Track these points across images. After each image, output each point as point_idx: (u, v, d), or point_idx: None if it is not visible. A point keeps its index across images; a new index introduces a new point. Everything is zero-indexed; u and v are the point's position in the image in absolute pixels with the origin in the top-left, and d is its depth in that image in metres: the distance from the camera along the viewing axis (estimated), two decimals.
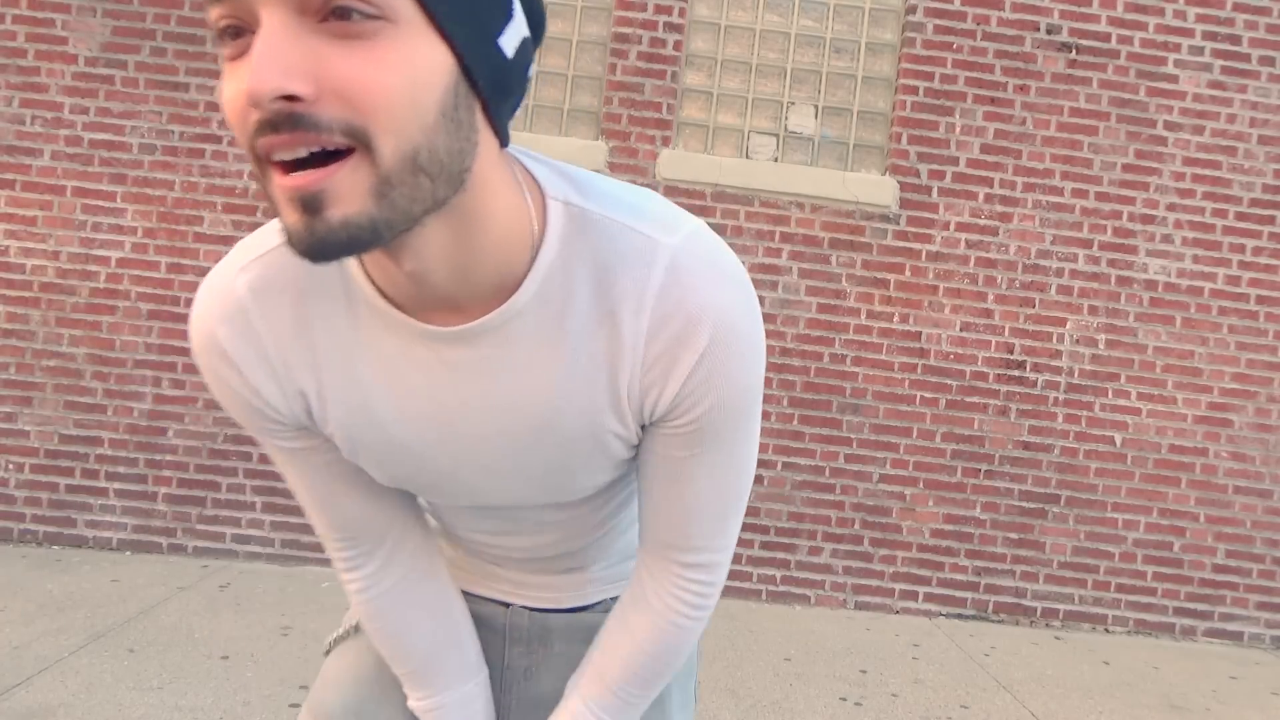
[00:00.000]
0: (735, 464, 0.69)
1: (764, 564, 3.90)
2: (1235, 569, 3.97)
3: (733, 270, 0.63)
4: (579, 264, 0.61)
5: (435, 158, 0.49)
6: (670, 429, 0.66)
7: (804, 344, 3.91)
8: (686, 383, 0.62)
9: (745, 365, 0.63)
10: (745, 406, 0.65)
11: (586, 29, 4.00)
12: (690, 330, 0.61)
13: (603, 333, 0.62)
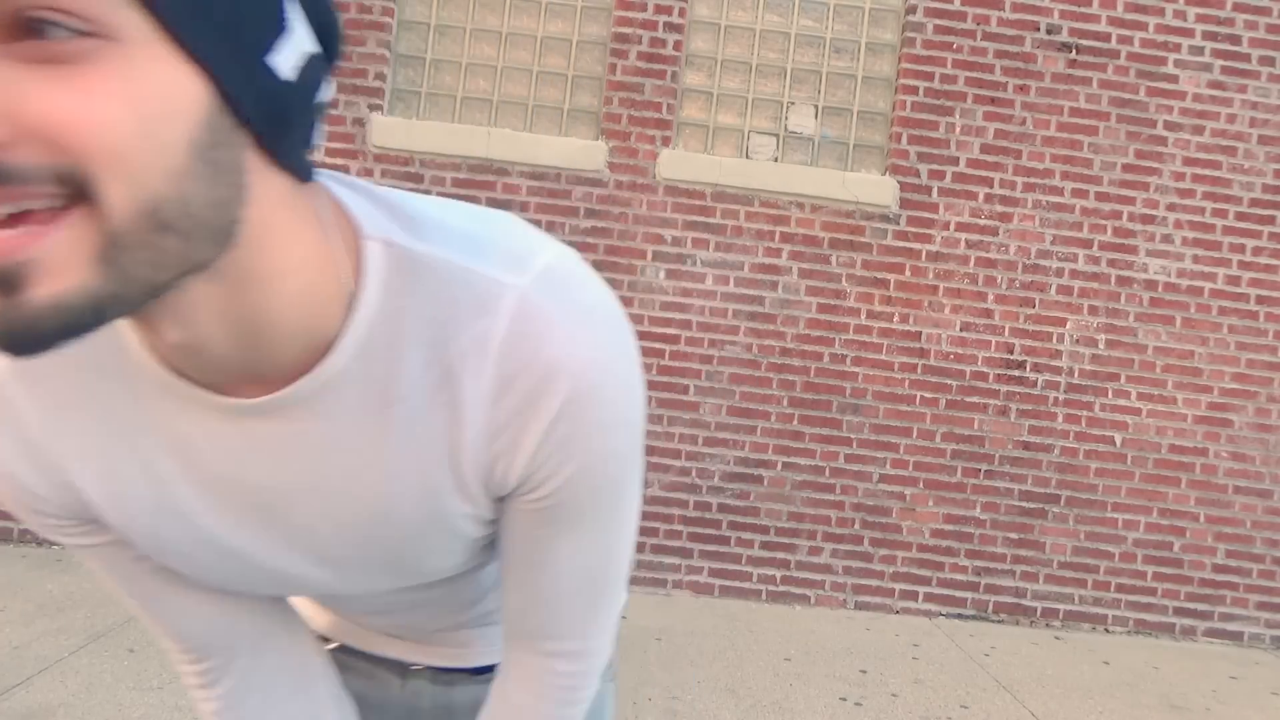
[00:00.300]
0: (606, 544, 0.60)
1: (764, 564, 3.90)
2: (1235, 569, 3.97)
3: (597, 312, 0.52)
4: (408, 318, 0.50)
5: (186, 211, 0.38)
6: (526, 504, 0.56)
7: (804, 344, 3.91)
8: (538, 451, 0.52)
9: (612, 428, 0.53)
10: (614, 477, 0.56)
11: (586, 29, 4.00)
12: (541, 389, 0.51)
13: (440, 400, 0.52)
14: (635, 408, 0.55)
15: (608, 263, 3.86)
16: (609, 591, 0.63)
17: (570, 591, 0.61)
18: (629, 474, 0.57)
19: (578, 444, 0.53)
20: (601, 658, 0.66)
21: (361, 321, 0.49)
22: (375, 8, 3.84)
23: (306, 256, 0.47)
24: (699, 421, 3.89)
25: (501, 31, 3.99)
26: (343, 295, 0.49)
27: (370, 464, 0.53)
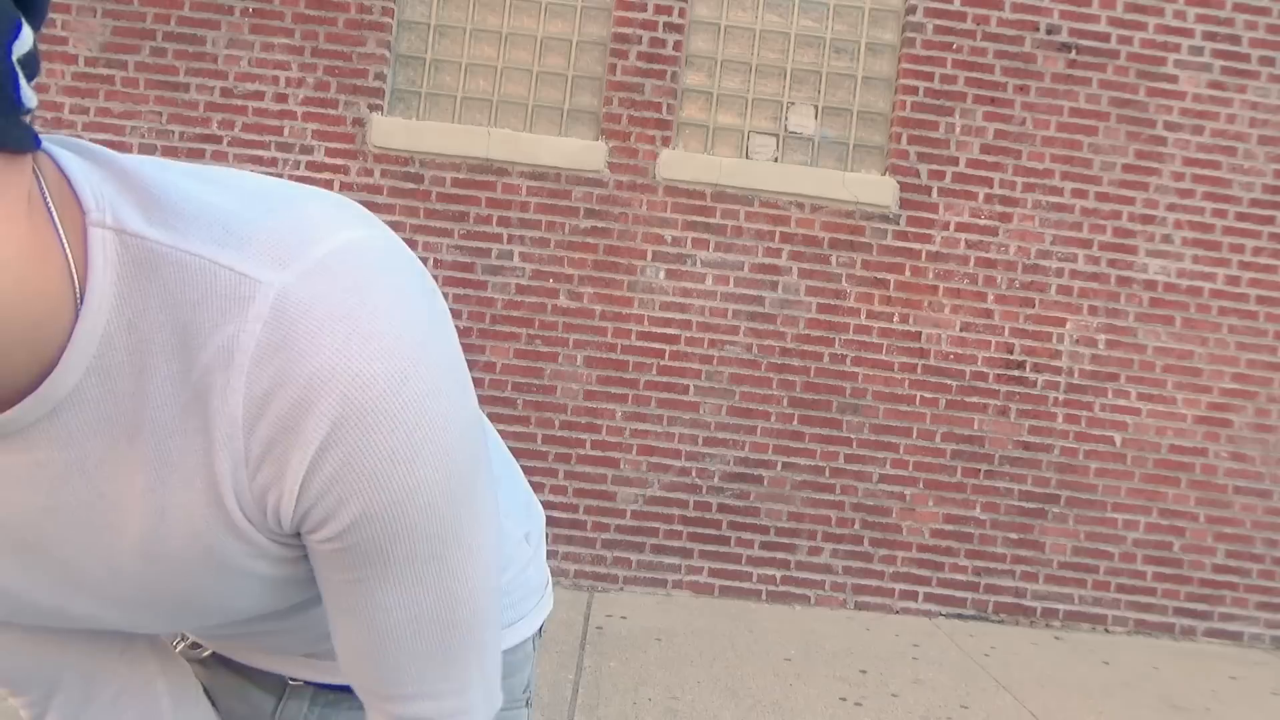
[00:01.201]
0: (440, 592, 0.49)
1: (764, 564, 3.90)
2: (1235, 569, 3.97)
3: (381, 315, 0.42)
4: (146, 323, 0.41)
5: None
6: (317, 545, 0.46)
7: (804, 344, 3.91)
8: (306, 488, 0.43)
9: (405, 461, 0.43)
10: (425, 518, 0.45)
11: (586, 29, 4.00)
12: (301, 410, 0.41)
13: (192, 425, 0.43)
14: (441, 433, 0.44)
15: (608, 263, 3.86)
16: (460, 643, 0.51)
17: (404, 648, 0.50)
18: (452, 512, 0.46)
19: (358, 479, 0.42)
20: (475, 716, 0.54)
21: (90, 328, 0.40)
22: (375, 8, 3.84)
23: (14, 247, 0.37)
24: (699, 421, 3.89)
25: (501, 31, 3.99)
26: (69, 295, 0.40)
27: (123, 499, 0.44)
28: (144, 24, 3.82)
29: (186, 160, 3.82)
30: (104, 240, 0.40)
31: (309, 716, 0.70)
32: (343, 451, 0.42)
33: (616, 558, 3.86)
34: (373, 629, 0.49)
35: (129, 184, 0.42)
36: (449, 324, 0.46)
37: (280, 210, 0.43)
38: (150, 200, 0.42)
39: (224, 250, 0.41)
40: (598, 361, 3.86)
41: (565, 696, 2.64)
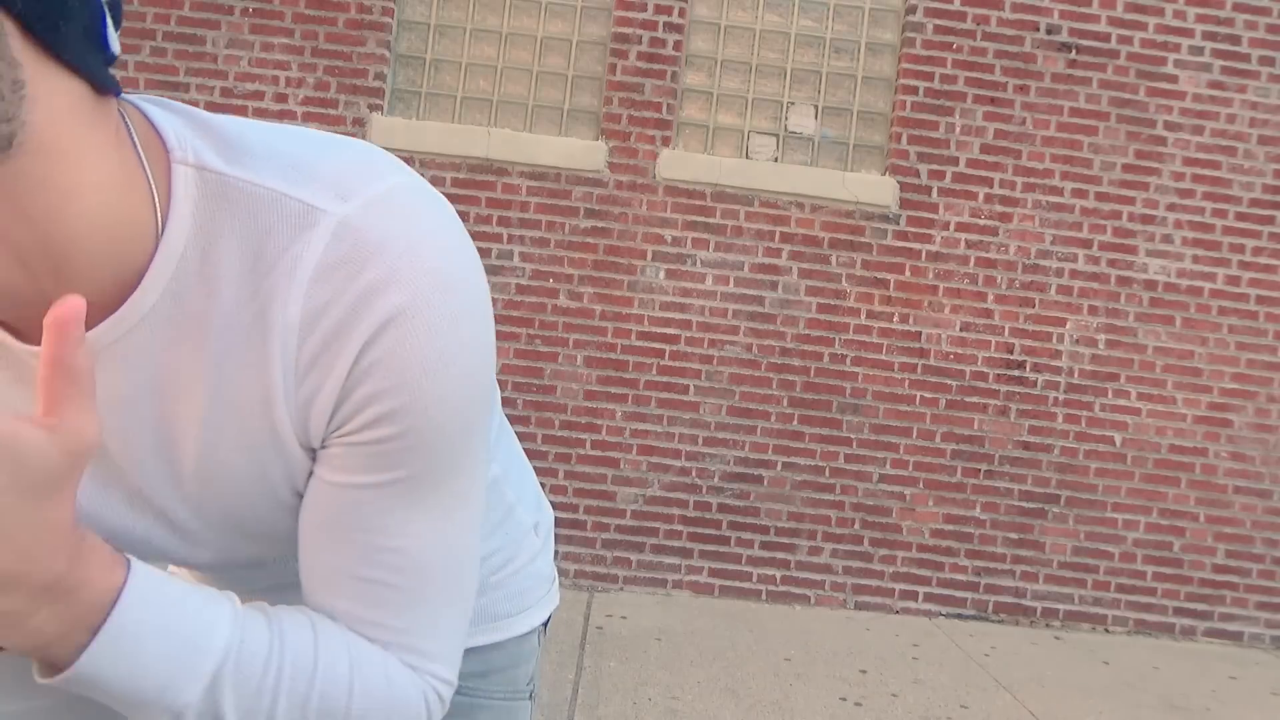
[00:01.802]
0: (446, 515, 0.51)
1: (764, 564, 3.90)
2: (1235, 569, 3.97)
3: (431, 242, 0.47)
4: (221, 250, 0.46)
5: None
6: (338, 442, 0.48)
7: (804, 344, 3.91)
8: (347, 380, 0.46)
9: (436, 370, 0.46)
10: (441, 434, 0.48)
11: (586, 29, 4.00)
12: (353, 317, 0.45)
13: (254, 340, 0.46)
14: (472, 355, 0.48)
15: (608, 263, 3.87)
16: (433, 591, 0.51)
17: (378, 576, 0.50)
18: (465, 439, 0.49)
19: (394, 374, 0.46)
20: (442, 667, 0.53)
21: (169, 254, 0.45)
22: (375, 8, 3.85)
23: (106, 176, 0.42)
24: (699, 421, 3.89)
25: (501, 31, 3.99)
26: (151, 224, 0.44)
27: (186, 419, 0.48)
28: (144, 24, 3.82)
29: None
30: (185, 176, 0.45)
31: None
32: (382, 350, 0.45)
33: (616, 558, 3.86)
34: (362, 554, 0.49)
35: (207, 130, 0.47)
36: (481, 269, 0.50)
37: (340, 154, 0.48)
38: (225, 143, 0.47)
39: (292, 185, 0.46)
40: (598, 361, 3.86)
41: (565, 696, 2.64)
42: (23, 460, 0.37)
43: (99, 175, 0.42)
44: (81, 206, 0.41)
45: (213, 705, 0.44)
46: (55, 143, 0.39)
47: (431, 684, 0.52)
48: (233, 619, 0.46)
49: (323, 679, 0.47)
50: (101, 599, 0.41)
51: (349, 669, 0.49)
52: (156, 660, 0.43)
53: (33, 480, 0.37)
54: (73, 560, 0.40)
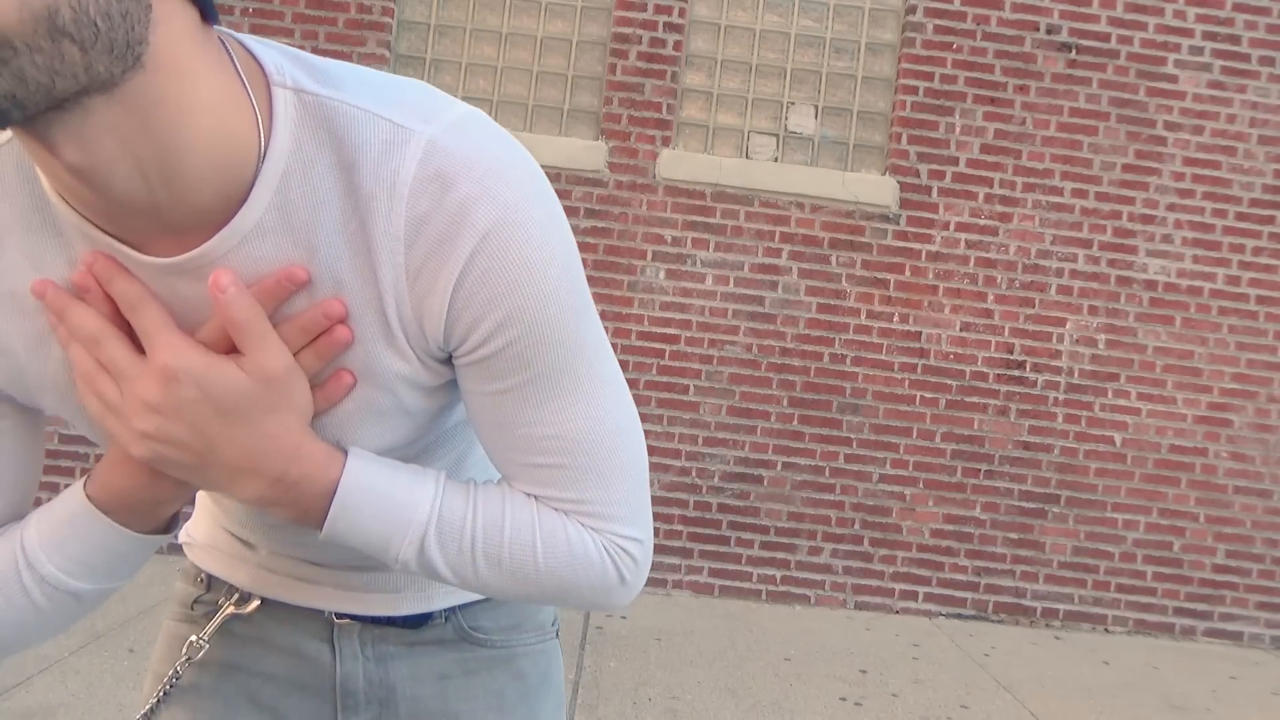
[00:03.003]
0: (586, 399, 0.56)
1: (764, 564, 3.90)
2: (1235, 569, 3.97)
3: (509, 161, 0.52)
4: (320, 165, 0.50)
5: (83, 17, 0.38)
6: (469, 359, 0.54)
7: (804, 344, 3.91)
8: (456, 294, 0.51)
9: (538, 267, 0.52)
10: (556, 321, 0.53)
11: (586, 29, 4.00)
12: (453, 230, 0.50)
13: (357, 247, 0.51)
14: (563, 251, 0.53)
15: (608, 263, 3.86)
16: (606, 466, 0.58)
17: (553, 461, 0.57)
18: (577, 323, 0.55)
19: (501, 282, 0.51)
20: (625, 527, 0.60)
21: (274, 169, 0.49)
22: (375, 8, 3.85)
23: (216, 95, 0.46)
24: (699, 421, 3.89)
25: (501, 31, 3.99)
26: (254, 142, 0.48)
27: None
28: None
29: None
30: (285, 98, 0.50)
31: (367, 657, 0.74)
32: (485, 261, 0.51)
33: None
34: (525, 442, 0.57)
35: (298, 59, 0.52)
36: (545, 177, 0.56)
37: (414, 86, 0.54)
38: (318, 71, 0.52)
39: (382, 106, 0.51)
40: None
41: (565, 697, 2.64)
42: (214, 387, 0.49)
43: (209, 94, 0.46)
44: (195, 122, 0.45)
45: (426, 557, 0.56)
46: (174, 62, 0.44)
47: (614, 540, 0.59)
48: (434, 494, 0.57)
49: (510, 539, 0.57)
50: (324, 488, 0.54)
51: (532, 531, 0.57)
52: (374, 526, 0.55)
53: (231, 403, 0.50)
54: (291, 460, 0.52)
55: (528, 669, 0.79)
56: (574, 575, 0.58)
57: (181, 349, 0.49)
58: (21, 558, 0.56)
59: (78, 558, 0.56)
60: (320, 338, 0.52)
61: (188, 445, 0.50)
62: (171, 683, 0.71)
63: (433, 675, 0.75)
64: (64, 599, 0.57)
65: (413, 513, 0.56)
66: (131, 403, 0.50)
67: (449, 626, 0.75)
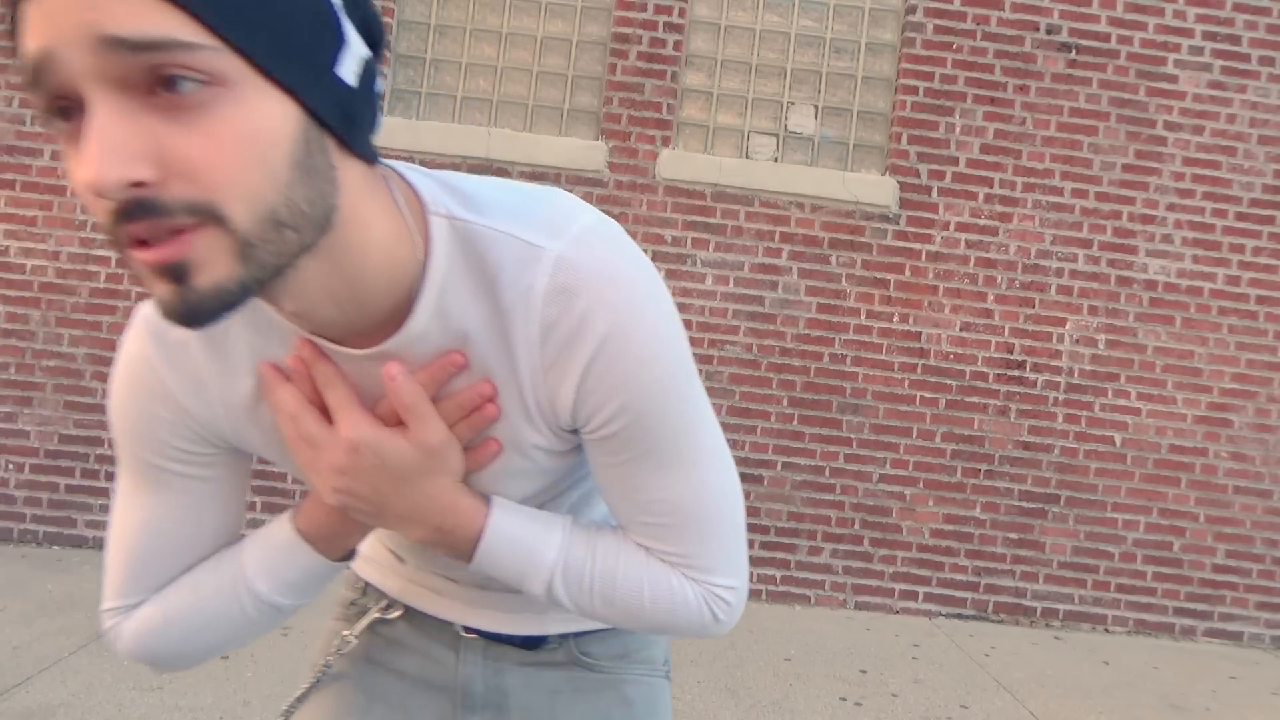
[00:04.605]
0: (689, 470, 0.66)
1: (764, 564, 3.90)
2: (1235, 569, 3.97)
3: (626, 271, 0.61)
4: (467, 280, 0.60)
5: (296, 210, 0.48)
6: (592, 437, 0.65)
7: (804, 344, 3.91)
8: (581, 386, 0.62)
9: (647, 364, 0.61)
10: (665, 409, 0.63)
11: (586, 29, 4.00)
12: (577, 335, 0.60)
13: (501, 344, 0.62)
14: (669, 348, 0.62)
15: None
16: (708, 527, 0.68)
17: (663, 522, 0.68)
18: (682, 407, 0.64)
19: (617, 377, 0.61)
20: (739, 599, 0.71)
21: (433, 285, 0.59)
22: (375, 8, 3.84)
23: (385, 232, 0.56)
24: None
25: (501, 31, 3.99)
26: (416, 262, 0.59)
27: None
28: None
29: None
30: (439, 224, 0.60)
31: (485, 669, 0.85)
32: (605, 360, 0.60)
33: None
34: (638, 505, 0.67)
35: (449, 187, 0.62)
36: (657, 274, 0.65)
37: (541, 201, 0.63)
38: (465, 197, 0.61)
39: (519, 227, 0.60)
40: None
41: None
42: (387, 455, 0.62)
43: (381, 233, 0.56)
44: (373, 258, 0.56)
45: (553, 593, 0.69)
46: (354, 213, 0.54)
47: (712, 590, 0.69)
48: (561, 542, 0.69)
49: (622, 583, 0.69)
50: (472, 535, 0.67)
51: (640, 579, 0.69)
52: (512, 565, 0.68)
53: (400, 468, 0.62)
54: (446, 513, 0.66)
55: (634, 696, 0.86)
56: (674, 616, 0.69)
57: (361, 424, 0.62)
58: (241, 580, 0.70)
59: (286, 579, 0.70)
60: (473, 413, 0.64)
61: (368, 499, 0.64)
62: (324, 670, 0.86)
63: (545, 689, 0.84)
64: (270, 612, 0.71)
65: (543, 557, 0.68)
66: (324, 466, 0.63)
67: (561, 650, 0.85)
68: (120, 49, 0.42)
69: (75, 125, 0.45)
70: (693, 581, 0.69)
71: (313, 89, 0.48)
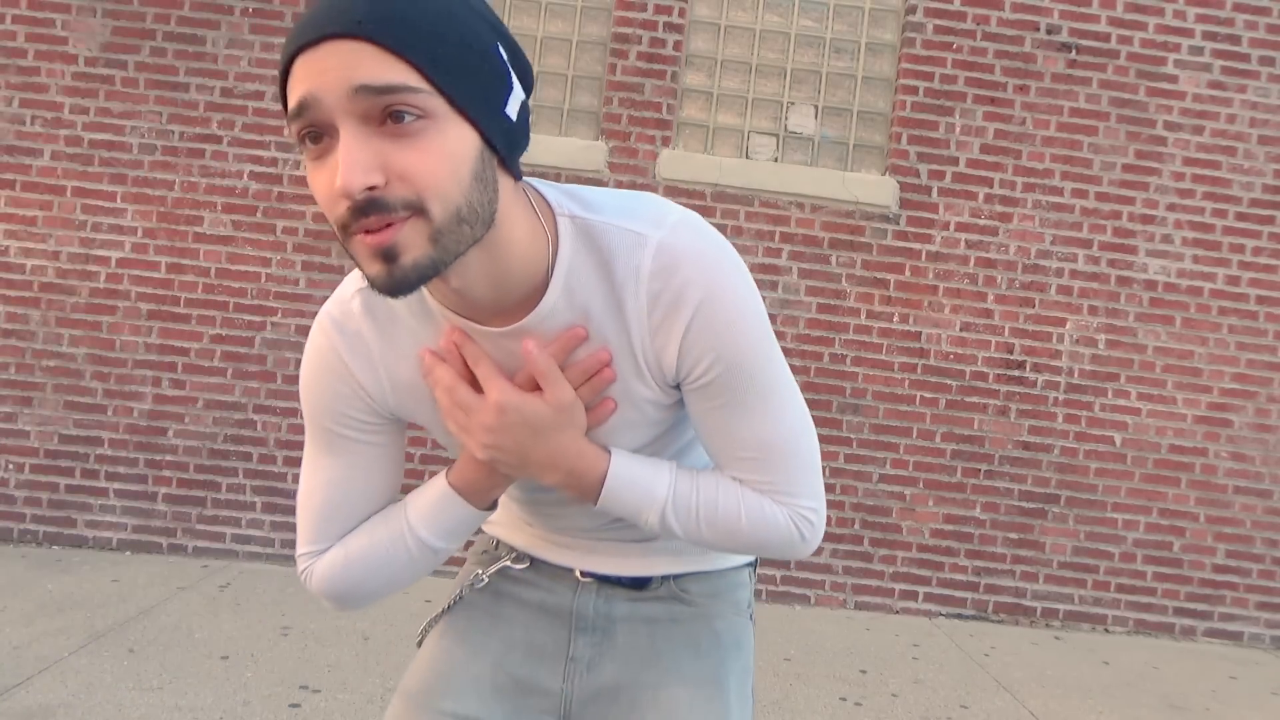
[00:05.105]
0: (772, 411, 0.81)
1: (764, 564, 3.90)
2: (1235, 569, 3.97)
3: (713, 252, 0.77)
4: (587, 264, 0.76)
5: (472, 210, 0.66)
6: (692, 386, 0.80)
7: (804, 344, 3.91)
8: (683, 344, 0.77)
9: (734, 326, 0.76)
10: (749, 360, 0.78)
11: (586, 29, 4.00)
12: (678, 302, 0.75)
13: (616, 314, 0.77)
14: (751, 311, 0.77)
15: None
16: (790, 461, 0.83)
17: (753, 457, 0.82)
18: (765, 361, 0.79)
19: (711, 337, 0.76)
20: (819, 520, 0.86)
21: (561, 270, 0.76)
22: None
23: (527, 230, 0.74)
24: None
25: None
26: (547, 254, 0.75)
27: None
28: (144, 24, 3.82)
29: (186, 159, 3.83)
30: (565, 223, 0.76)
31: (597, 605, 0.99)
32: (701, 321, 0.75)
33: None
34: (732, 443, 0.82)
35: (570, 194, 0.79)
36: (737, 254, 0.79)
37: (641, 201, 0.79)
38: (583, 200, 0.78)
39: (628, 220, 0.77)
40: None
41: None
42: (527, 414, 0.77)
43: (523, 231, 0.73)
44: (517, 250, 0.73)
45: (665, 522, 0.83)
46: (505, 215, 0.70)
47: (798, 510, 0.84)
48: (669, 480, 0.83)
49: (722, 510, 0.83)
50: (597, 479, 0.82)
51: (738, 503, 0.83)
52: (630, 501, 0.83)
53: (538, 424, 0.78)
54: (576, 460, 0.81)
55: (722, 629, 1.00)
56: (768, 535, 0.84)
57: (506, 390, 0.77)
58: (407, 527, 0.86)
59: (442, 526, 0.86)
60: (594, 377, 0.79)
61: (513, 451, 0.79)
62: (456, 599, 1.02)
63: (646, 618, 0.98)
64: (429, 553, 0.87)
65: (657, 492, 0.83)
66: (476, 427, 0.78)
67: (664, 588, 0.99)
68: (368, 93, 0.60)
69: (321, 147, 0.63)
70: (781, 505, 0.83)
71: (489, 122, 0.66)
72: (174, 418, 3.85)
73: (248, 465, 3.86)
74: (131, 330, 3.83)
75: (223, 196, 3.84)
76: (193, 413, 3.85)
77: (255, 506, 3.85)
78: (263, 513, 3.85)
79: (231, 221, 3.84)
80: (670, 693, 0.92)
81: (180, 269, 3.84)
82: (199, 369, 3.85)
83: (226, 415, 3.85)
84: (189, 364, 3.85)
